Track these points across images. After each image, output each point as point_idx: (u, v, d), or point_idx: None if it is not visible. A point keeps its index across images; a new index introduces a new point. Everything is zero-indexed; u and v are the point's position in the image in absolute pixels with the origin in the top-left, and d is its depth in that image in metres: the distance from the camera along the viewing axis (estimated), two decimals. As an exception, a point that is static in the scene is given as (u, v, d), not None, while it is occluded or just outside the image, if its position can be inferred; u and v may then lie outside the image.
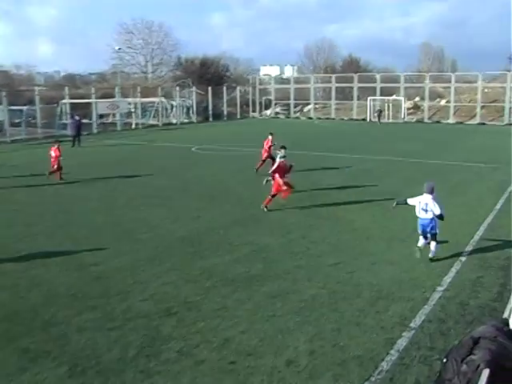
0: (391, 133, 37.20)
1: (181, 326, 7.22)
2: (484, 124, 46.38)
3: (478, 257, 9.99)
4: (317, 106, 56.80)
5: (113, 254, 10.38)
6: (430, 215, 10.09)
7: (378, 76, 53.45)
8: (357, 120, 50.96)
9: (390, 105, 51.34)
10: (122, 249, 10.70)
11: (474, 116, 48.33)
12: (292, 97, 55.60)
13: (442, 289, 8.39)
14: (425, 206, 10.17)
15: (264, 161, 19.68)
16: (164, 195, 16.06)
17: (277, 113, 57.18)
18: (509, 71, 49.08)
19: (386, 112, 50.52)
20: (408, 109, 52.09)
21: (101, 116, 41.50)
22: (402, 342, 6.69)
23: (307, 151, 25.51)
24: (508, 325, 4.24)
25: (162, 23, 79.87)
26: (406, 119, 50.51)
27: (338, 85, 54.49)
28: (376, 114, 49.48)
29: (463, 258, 9.92)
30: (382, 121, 48.64)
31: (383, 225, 12.25)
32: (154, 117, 45.05)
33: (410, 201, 10.41)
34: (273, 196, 14.27)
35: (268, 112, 57.03)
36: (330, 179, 18.29)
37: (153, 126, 43.53)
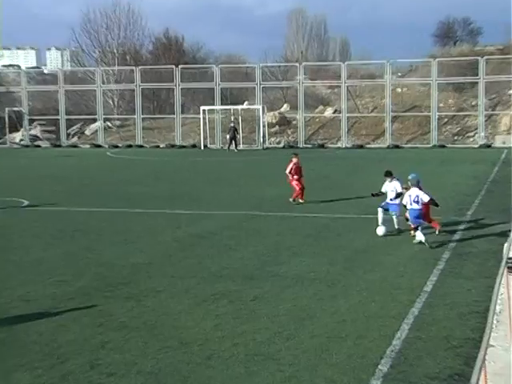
0: (242, 171, 24.94)
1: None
2: (398, 147, 35.16)
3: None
4: (110, 124, 42.32)
5: None
6: (420, 206, 11.51)
7: (216, 69, 37.93)
8: (183, 147, 37.99)
9: (240, 119, 37.34)
10: None
11: (382, 134, 36.88)
12: (62, 108, 37.18)
13: None
14: (416, 197, 11.54)
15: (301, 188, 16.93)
16: None
17: (34, 137, 36.81)
18: (434, 58, 37.12)
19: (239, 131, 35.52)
20: (270, 125, 38.98)
21: None
22: None
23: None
24: None
25: None
26: (266, 144, 37.07)
27: (147, 85, 39.38)
28: (228, 136, 35.26)
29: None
30: (238, 147, 35.01)
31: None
32: None
33: (404, 200, 11.79)
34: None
35: (17, 137, 35.73)
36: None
37: None
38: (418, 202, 11.56)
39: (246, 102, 43.23)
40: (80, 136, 44.57)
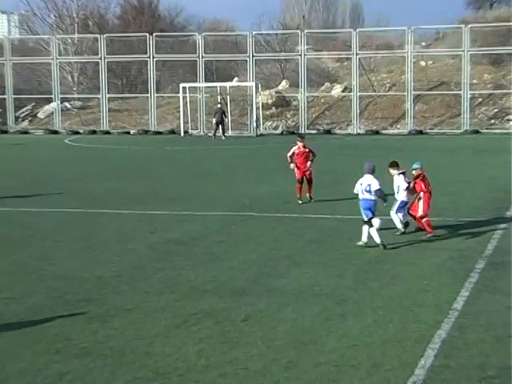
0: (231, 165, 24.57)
1: None
2: (421, 133, 36.37)
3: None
4: (69, 104, 44.01)
5: None
6: (373, 197, 12.09)
7: (198, 38, 39.53)
8: (159, 133, 39.50)
9: (228, 99, 39.17)
10: None
11: (402, 117, 38.01)
12: (9, 85, 39.19)
13: None
14: (368, 186, 12.16)
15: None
16: None
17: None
18: (466, 24, 37.66)
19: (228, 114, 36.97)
20: (266, 106, 39.92)
21: None
22: None
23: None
24: None
25: None
26: (261, 129, 38.34)
27: (115, 58, 40.81)
28: (214, 120, 35.85)
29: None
30: (225, 133, 36.04)
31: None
32: None
33: (355, 189, 12.40)
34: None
35: None
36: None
37: None
38: (370, 192, 12.15)
39: (235, 79, 43.47)
40: (31, 120, 44.81)
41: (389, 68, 43.53)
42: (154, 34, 41.73)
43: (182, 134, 38.93)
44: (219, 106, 37.13)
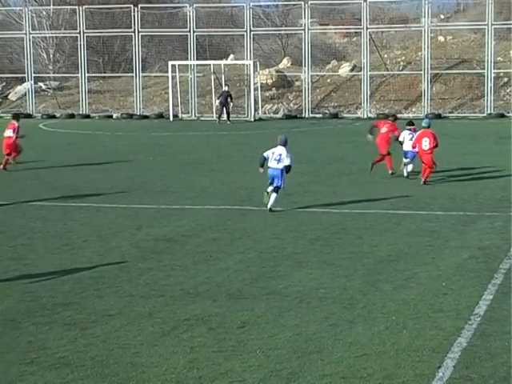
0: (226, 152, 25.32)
1: None
2: (440, 117, 35.84)
3: None
4: (44, 85, 44.27)
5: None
6: (280, 166, 14.82)
7: (189, 10, 39.48)
8: (146, 117, 39.52)
9: (223, 79, 39.06)
10: None
11: (418, 99, 38.39)
12: None
13: None
14: (278, 156, 14.88)
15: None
16: None
17: None
18: None
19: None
20: (265, 87, 40.27)
21: None
22: None
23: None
24: None
25: None
26: (259, 113, 38.94)
27: (95, 32, 41.43)
28: (218, 102, 36.52)
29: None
30: (230, 117, 36.35)
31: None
32: None
33: (266, 153, 15.08)
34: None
35: None
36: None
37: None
38: (278, 161, 14.83)
39: (231, 56, 43.62)
40: (1, 102, 44.65)
41: (403, 44, 43.47)
42: (140, 6, 41.60)
43: (171, 119, 38.88)
44: (226, 88, 37.19)
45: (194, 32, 40.06)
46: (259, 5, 45.84)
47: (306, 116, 38.71)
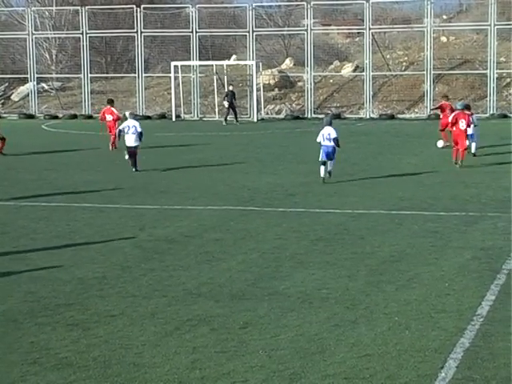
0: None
1: None
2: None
3: None
4: (46, 86, 44.32)
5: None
6: (332, 143, 17.83)
7: (192, 11, 39.71)
8: (148, 118, 39.00)
9: (226, 80, 39.38)
10: None
11: (421, 100, 38.49)
12: None
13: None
14: (328, 135, 17.85)
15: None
16: None
17: None
18: None
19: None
20: (268, 87, 40.35)
21: None
22: None
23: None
24: None
25: None
26: (262, 113, 38.97)
27: (98, 33, 41.49)
28: (225, 102, 36.24)
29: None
30: (238, 118, 36.43)
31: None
32: None
33: (318, 139, 18.15)
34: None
35: None
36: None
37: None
38: (330, 140, 17.73)
39: (233, 57, 43.44)
40: (4, 102, 44.71)
41: (406, 44, 43.40)
42: (142, 6, 41.60)
43: (174, 119, 38.88)
44: (231, 88, 37.16)
45: (196, 32, 40.07)
46: (262, 5, 45.79)
47: (309, 116, 38.68)
